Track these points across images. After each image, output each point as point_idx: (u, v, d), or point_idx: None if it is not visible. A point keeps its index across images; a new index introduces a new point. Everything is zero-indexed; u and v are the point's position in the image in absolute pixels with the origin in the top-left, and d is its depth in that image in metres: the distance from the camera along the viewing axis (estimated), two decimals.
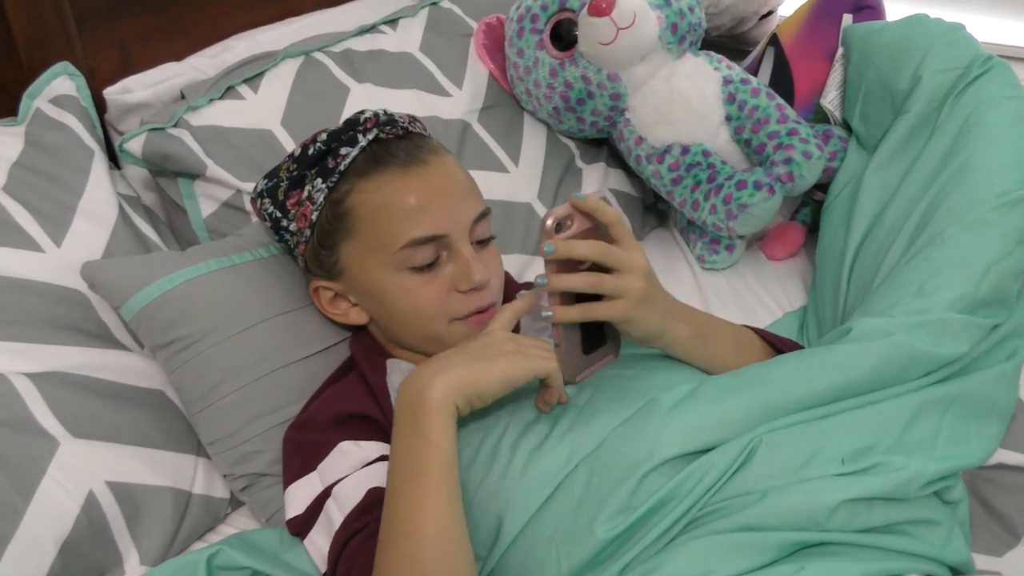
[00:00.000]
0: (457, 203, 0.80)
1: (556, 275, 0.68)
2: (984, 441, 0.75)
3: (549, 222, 0.67)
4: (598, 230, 0.70)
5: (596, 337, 0.75)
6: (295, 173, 0.84)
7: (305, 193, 0.82)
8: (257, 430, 0.85)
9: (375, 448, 0.76)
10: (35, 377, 0.82)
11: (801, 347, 0.87)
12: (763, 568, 0.63)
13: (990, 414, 0.77)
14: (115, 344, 0.90)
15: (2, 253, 0.87)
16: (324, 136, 0.84)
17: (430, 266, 0.79)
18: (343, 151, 0.81)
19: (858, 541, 0.65)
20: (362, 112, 0.86)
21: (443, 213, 0.79)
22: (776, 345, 0.86)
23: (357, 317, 0.85)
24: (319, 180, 0.81)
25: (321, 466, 0.76)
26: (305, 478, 0.76)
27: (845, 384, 0.72)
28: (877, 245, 0.95)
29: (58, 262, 0.89)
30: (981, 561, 0.78)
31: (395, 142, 0.82)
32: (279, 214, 0.85)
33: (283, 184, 0.84)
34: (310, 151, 0.83)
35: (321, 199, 0.81)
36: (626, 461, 0.67)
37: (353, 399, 0.81)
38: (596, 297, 0.70)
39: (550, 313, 0.68)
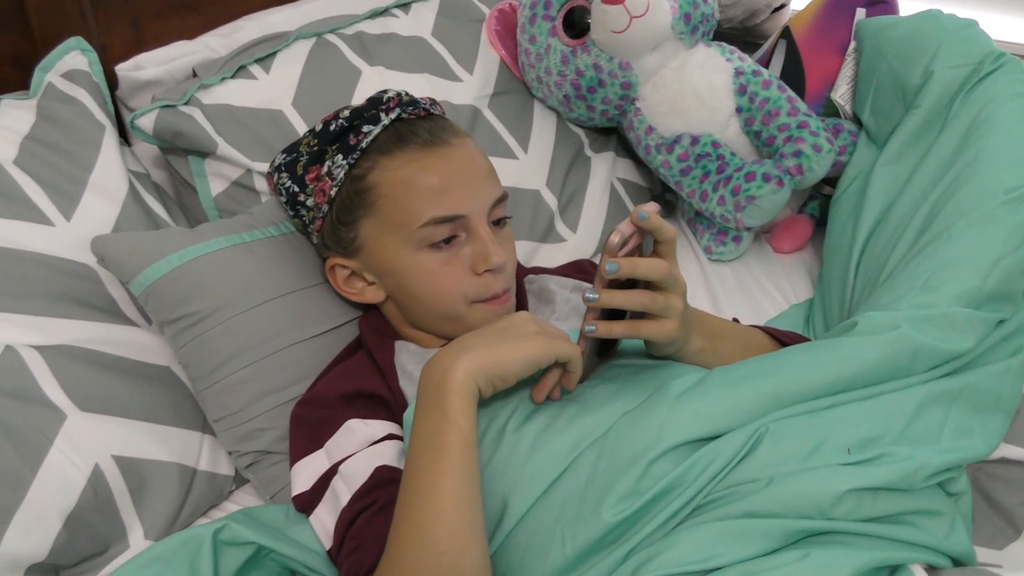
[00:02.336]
0: (478, 185, 0.81)
1: (608, 291, 0.66)
2: (988, 435, 0.75)
3: (616, 239, 0.65)
4: (642, 245, 0.70)
5: (611, 342, 0.76)
6: (315, 148, 0.84)
7: (325, 168, 0.83)
8: (263, 408, 0.85)
9: (382, 427, 0.76)
10: (43, 350, 0.82)
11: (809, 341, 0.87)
12: (767, 555, 0.63)
13: (995, 408, 0.77)
14: (123, 319, 0.91)
15: (12, 226, 0.87)
16: (347, 113, 0.84)
17: (449, 245, 0.79)
18: (365, 128, 0.82)
19: (862, 530, 0.65)
20: (385, 91, 0.86)
21: (464, 194, 0.79)
22: (786, 343, 0.86)
23: (373, 296, 0.85)
24: (340, 156, 0.82)
25: (328, 443, 0.76)
26: (312, 455, 0.77)
27: (852, 376, 0.72)
28: (885, 239, 0.95)
29: (68, 236, 0.90)
30: (982, 554, 0.79)
31: (417, 122, 0.82)
32: (296, 188, 0.85)
33: (303, 159, 0.85)
34: (332, 127, 0.84)
35: (341, 175, 0.81)
36: (634, 446, 0.67)
37: (361, 377, 0.81)
38: (634, 312, 0.70)
39: (593, 328, 0.67)
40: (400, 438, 0.76)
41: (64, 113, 0.96)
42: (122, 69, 1.07)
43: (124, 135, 1.07)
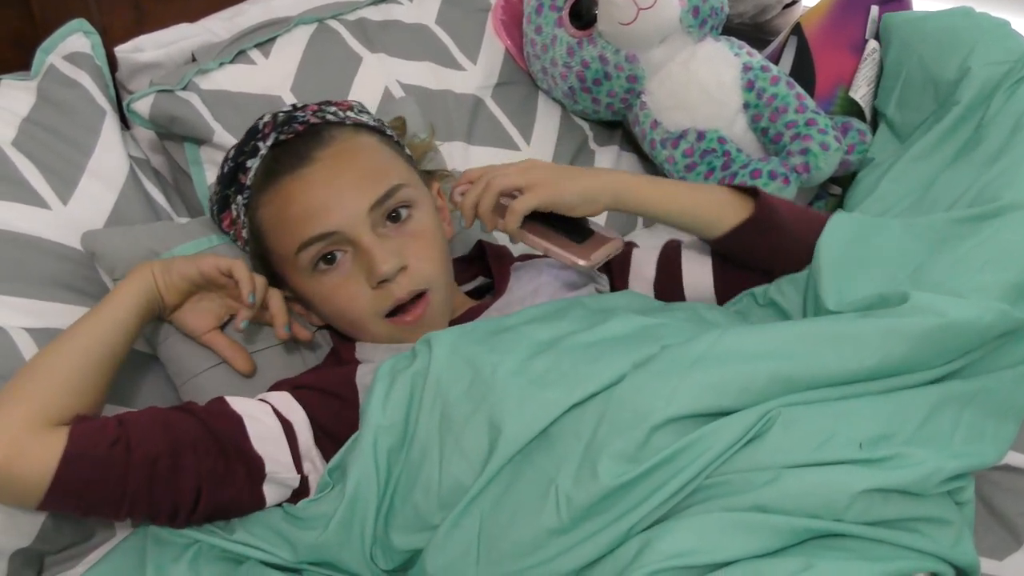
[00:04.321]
0: (346, 195, 0.78)
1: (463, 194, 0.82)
2: (999, 441, 0.73)
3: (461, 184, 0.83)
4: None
5: (576, 229, 0.81)
6: (220, 194, 0.85)
7: (233, 213, 0.84)
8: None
9: (301, 416, 0.76)
10: (36, 332, 0.82)
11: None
12: (770, 556, 0.62)
13: (1007, 414, 0.74)
14: None
15: (8, 207, 0.87)
16: (232, 151, 0.84)
17: (335, 264, 0.78)
18: (248, 163, 0.82)
19: (870, 535, 0.63)
20: (261, 117, 0.85)
21: (330, 210, 0.77)
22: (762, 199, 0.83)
23: (316, 321, 0.87)
24: (239, 197, 0.83)
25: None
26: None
27: (874, 367, 0.68)
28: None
29: (64, 220, 0.89)
30: (982, 564, 0.77)
31: (291, 143, 0.81)
32: (225, 234, 0.88)
33: (215, 207, 0.86)
34: (225, 169, 0.84)
35: (243, 217, 0.83)
36: (638, 409, 0.65)
37: (321, 375, 0.82)
38: (565, 220, 0.80)
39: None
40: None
41: (65, 96, 0.96)
42: (122, 51, 1.06)
43: (124, 118, 1.07)
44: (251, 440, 0.72)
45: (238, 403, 0.74)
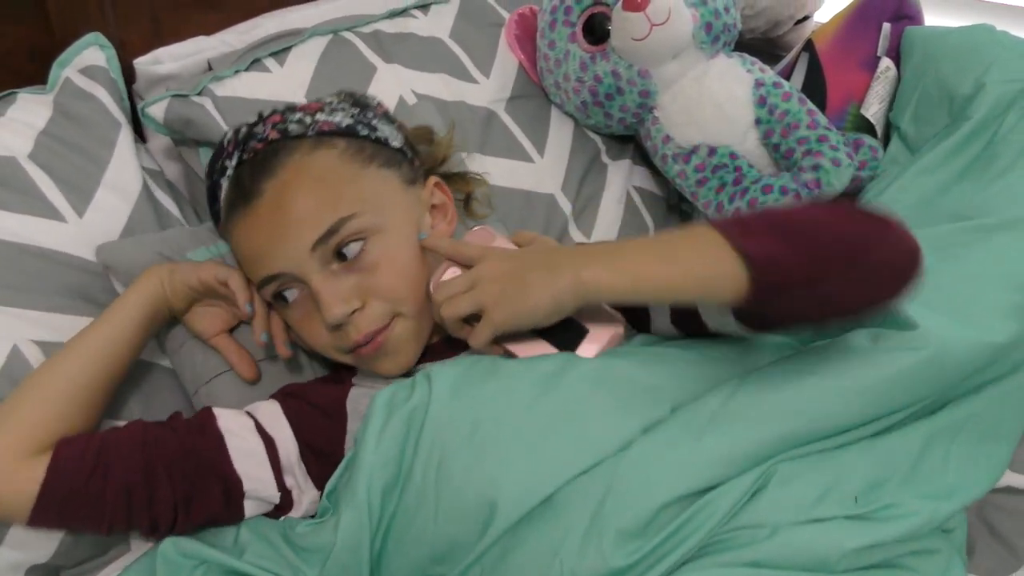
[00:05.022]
0: (288, 235, 0.72)
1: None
2: (993, 467, 0.73)
3: (431, 282, 0.75)
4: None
5: (564, 329, 0.70)
6: (211, 209, 0.83)
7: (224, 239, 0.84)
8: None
9: (284, 431, 0.76)
10: (51, 347, 0.82)
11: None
12: None
13: (998, 436, 0.74)
14: None
15: (24, 220, 0.87)
16: (207, 167, 0.82)
17: (292, 303, 0.76)
18: (221, 183, 0.79)
19: None
20: (225, 133, 0.81)
21: (273, 253, 0.73)
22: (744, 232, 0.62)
23: None
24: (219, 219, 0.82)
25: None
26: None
27: (876, 411, 0.68)
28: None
29: (79, 233, 0.89)
30: None
31: (243, 170, 0.76)
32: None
33: (212, 219, 0.85)
34: (207, 184, 0.82)
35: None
36: (648, 483, 0.62)
37: (315, 390, 0.81)
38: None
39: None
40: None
41: (81, 109, 0.96)
42: (140, 63, 1.07)
43: (140, 131, 1.07)
44: (232, 459, 0.73)
45: (223, 418, 0.75)
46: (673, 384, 0.69)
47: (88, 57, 1.00)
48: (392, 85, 1.08)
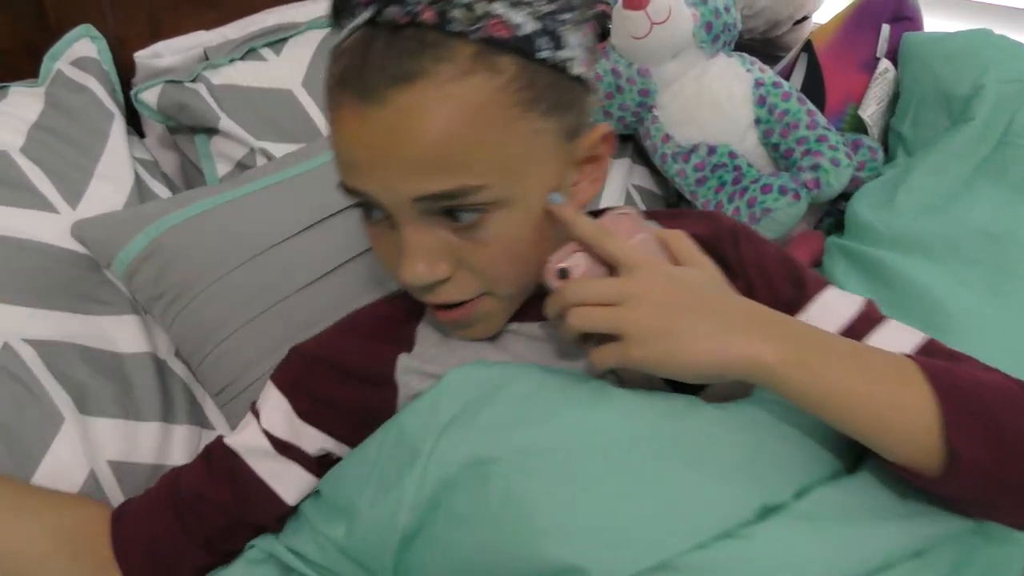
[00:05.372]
0: (392, 172, 0.55)
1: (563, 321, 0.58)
2: None
3: (548, 266, 0.59)
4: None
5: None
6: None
7: None
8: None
9: (316, 439, 0.68)
10: (42, 344, 0.80)
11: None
12: None
13: None
14: (129, 308, 0.88)
15: (15, 213, 0.85)
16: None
17: (376, 221, 0.60)
18: (343, 23, 0.59)
19: None
20: None
21: (371, 174, 0.56)
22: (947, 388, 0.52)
23: None
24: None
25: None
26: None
27: None
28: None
29: (73, 225, 0.88)
30: None
31: (381, 41, 0.54)
32: None
33: None
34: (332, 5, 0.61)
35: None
36: (795, 568, 0.50)
37: (358, 351, 0.69)
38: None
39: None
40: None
41: (73, 101, 0.95)
42: (140, 56, 1.07)
43: (136, 125, 1.07)
44: (280, 496, 0.68)
45: (249, 456, 0.68)
46: (789, 451, 0.56)
47: (79, 49, 0.99)
48: None
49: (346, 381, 0.69)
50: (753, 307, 0.56)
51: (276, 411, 0.69)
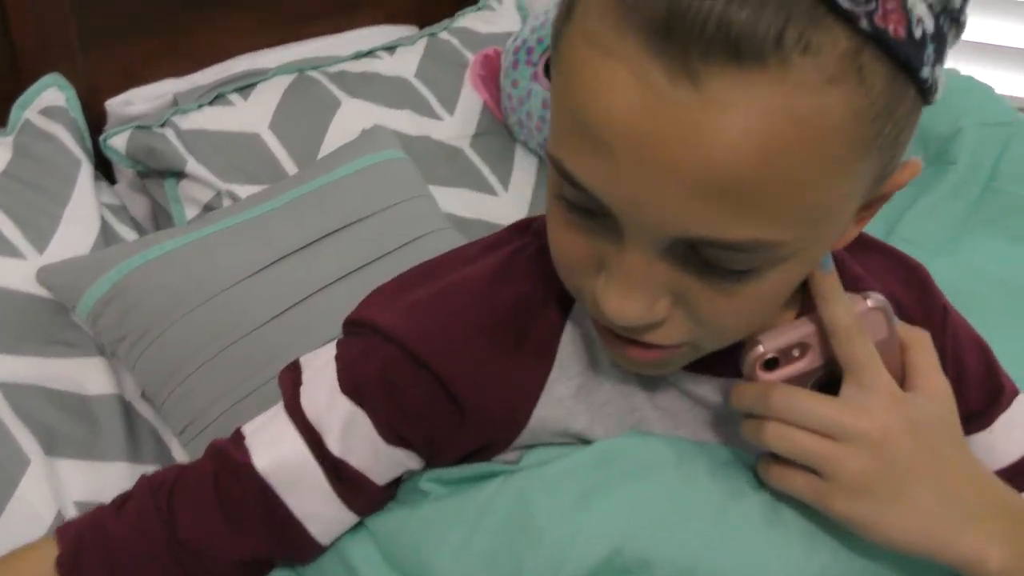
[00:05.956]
0: (672, 187, 0.36)
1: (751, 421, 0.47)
2: None
3: (758, 350, 0.46)
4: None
5: None
6: None
7: None
8: (224, 407, 0.82)
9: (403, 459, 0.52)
10: (9, 388, 0.80)
11: None
12: None
13: None
14: (94, 351, 0.89)
15: None
16: None
17: (587, 217, 0.41)
18: None
19: None
20: None
21: (633, 181, 0.37)
22: None
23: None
24: None
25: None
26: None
27: None
28: None
29: (38, 269, 0.88)
30: None
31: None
32: None
33: None
34: None
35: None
36: None
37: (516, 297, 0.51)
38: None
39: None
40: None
41: (41, 149, 0.96)
42: (112, 104, 1.09)
43: (108, 172, 1.08)
44: (318, 543, 0.53)
45: (300, 504, 0.51)
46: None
47: (48, 98, 1.01)
48: (355, 119, 1.10)
49: (454, 408, 0.51)
50: (983, 482, 0.47)
51: (350, 429, 0.50)
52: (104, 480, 0.82)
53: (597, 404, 0.51)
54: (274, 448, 0.51)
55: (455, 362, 0.50)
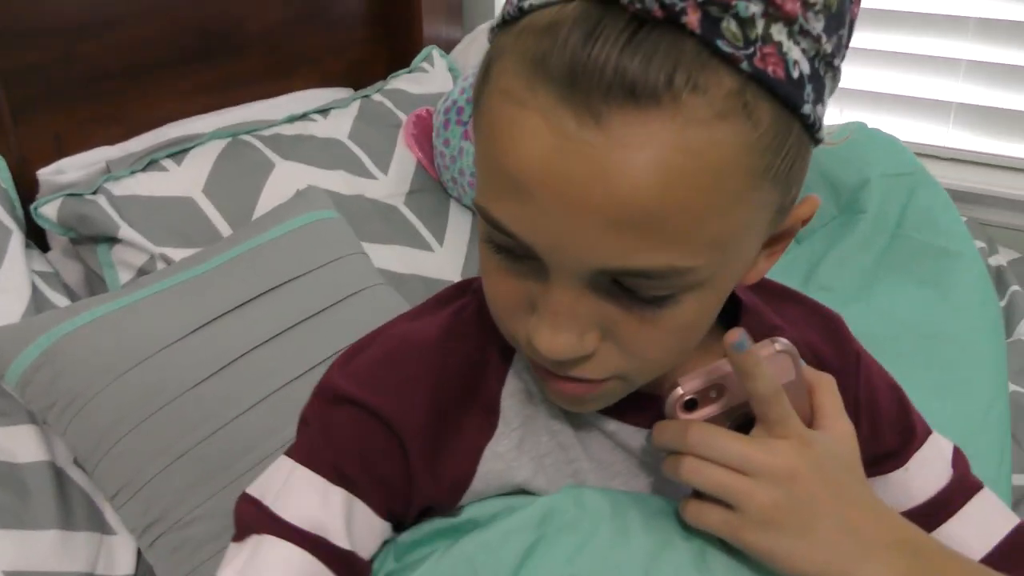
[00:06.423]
0: (586, 223, 0.39)
1: (672, 458, 0.50)
2: None
3: (677, 392, 0.50)
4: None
5: None
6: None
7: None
8: (155, 470, 0.81)
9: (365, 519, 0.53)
10: None
11: None
12: None
13: None
14: (27, 418, 0.88)
15: None
16: None
17: (515, 260, 0.44)
18: None
19: None
20: None
21: (552, 221, 0.40)
22: None
23: None
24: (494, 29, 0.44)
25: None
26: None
27: None
28: None
29: None
30: None
31: (615, 30, 0.37)
32: None
33: None
34: None
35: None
36: None
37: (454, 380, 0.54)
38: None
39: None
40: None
41: None
42: (43, 173, 1.09)
43: (43, 240, 1.08)
44: None
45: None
46: None
47: None
48: (289, 180, 1.12)
49: (406, 461, 0.53)
50: (882, 517, 0.50)
51: (352, 518, 0.52)
52: (34, 549, 0.80)
53: (538, 456, 0.55)
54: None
55: (410, 419, 0.53)
